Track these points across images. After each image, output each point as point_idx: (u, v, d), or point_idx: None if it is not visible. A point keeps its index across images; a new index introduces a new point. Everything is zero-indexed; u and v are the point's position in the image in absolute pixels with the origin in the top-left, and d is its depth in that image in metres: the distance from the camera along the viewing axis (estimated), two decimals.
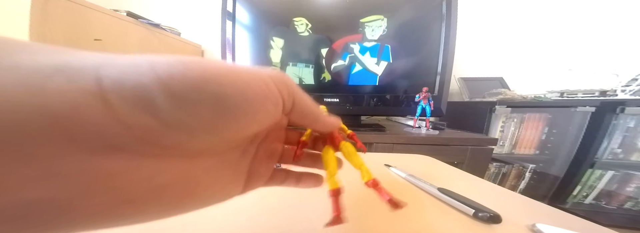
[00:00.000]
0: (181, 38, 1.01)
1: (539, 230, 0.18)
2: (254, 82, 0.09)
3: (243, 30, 0.82)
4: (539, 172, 0.92)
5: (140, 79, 0.07)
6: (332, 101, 0.81)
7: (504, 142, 0.91)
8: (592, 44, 1.05)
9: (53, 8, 0.53)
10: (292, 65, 0.83)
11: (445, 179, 0.32)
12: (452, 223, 0.20)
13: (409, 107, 0.79)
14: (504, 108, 0.85)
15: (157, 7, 1.14)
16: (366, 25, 0.79)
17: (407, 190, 0.27)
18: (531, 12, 1.08)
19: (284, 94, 0.11)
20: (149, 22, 0.81)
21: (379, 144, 0.69)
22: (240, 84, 0.09)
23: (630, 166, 0.83)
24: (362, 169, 0.14)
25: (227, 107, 0.09)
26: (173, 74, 0.07)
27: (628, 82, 0.86)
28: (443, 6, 0.75)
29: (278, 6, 0.82)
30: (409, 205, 0.23)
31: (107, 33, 0.67)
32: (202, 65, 0.08)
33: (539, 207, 0.24)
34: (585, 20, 1.04)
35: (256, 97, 0.09)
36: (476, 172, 0.36)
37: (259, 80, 0.10)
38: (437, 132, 0.74)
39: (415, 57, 0.79)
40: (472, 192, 0.25)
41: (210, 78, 0.08)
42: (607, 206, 0.87)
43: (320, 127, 0.15)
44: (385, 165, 0.36)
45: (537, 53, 1.10)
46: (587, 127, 0.84)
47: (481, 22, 1.10)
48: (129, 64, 0.08)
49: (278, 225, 0.19)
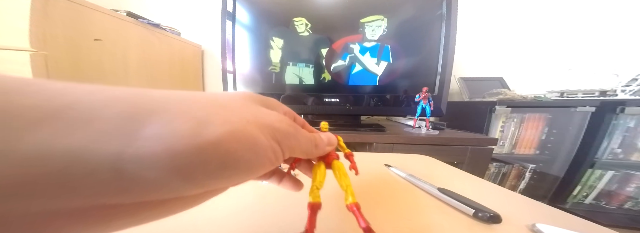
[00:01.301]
0: (181, 38, 1.01)
1: (539, 230, 0.18)
2: (261, 151, 0.10)
3: (243, 30, 0.82)
4: (539, 172, 0.92)
5: (161, 171, 0.08)
6: (332, 101, 0.81)
7: (504, 142, 0.91)
8: (592, 44, 1.05)
9: (53, 8, 0.53)
10: (292, 65, 0.83)
11: (445, 179, 0.32)
12: (452, 223, 0.20)
13: (409, 107, 0.79)
14: (504, 108, 0.85)
15: (157, 7, 1.14)
16: (366, 25, 0.79)
17: (407, 190, 0.27)
18: (531, 12, 1.07)
19: (286, 151, 0.12)
20: (149, 22, 0.81)
21: (379, 144, 0.69)
22: (252, 158, 0.10)
23: (630, 166, 0.83)
24: (347, 191, 0.14)
25: (235, 181, 0.10)
26: (194, 167, 0.08)
27: (628, 82, 0.86)
28: (443, 6, 0.75)
29: (278, 6, 0.82)
30: (409, 205, 0.24)
31: (107, 33, 0.67)
32: (221, 151, 0.08)
33: (539, 207, 0.24)
34: (585, 20, 1.04)
35: (264, 165, 0.10)
36: (476, 172, 0.36)
37: (268, 151, 0.10)
38: (437, 132, 0.74)
39: (415, 57, 0.79)
40: (472, 192, 0.25)
41: (229, 164, 0.09)
42: (607, 206, 0.87)
43: (313, 157, 0.16)
44: (385, 165, 0.36)
45: (537, 53, 1.10)
46: (587, 127, 0.84)
47: (481, 22, 1.10)
48: (148, 154, 0.07)
49: (278, 225, 0.19)
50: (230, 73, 0.82)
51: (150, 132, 0.08)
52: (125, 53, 0.74)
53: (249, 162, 0.09)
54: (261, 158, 0.10)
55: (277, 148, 0.11)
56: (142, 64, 0.81)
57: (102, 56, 0.67)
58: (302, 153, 0.14)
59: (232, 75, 0.82)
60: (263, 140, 0.10)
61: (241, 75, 0.83)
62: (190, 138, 0.08)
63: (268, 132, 0.10)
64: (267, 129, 0.10)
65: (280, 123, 0.12)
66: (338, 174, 0.15)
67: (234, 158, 0.09)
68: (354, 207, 0.13)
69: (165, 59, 0.91)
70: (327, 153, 0.16)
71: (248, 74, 0.84)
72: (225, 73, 0.82)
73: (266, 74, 0.84)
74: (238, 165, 0.09)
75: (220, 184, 0.09)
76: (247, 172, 0.10)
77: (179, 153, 0.08)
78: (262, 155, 0.10)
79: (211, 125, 0.09)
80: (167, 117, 0.08)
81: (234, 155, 0.09)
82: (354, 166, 0.19)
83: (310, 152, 0.14)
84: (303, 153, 0.14)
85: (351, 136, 0.70)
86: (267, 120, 0.11)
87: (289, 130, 0.12)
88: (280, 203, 0.23)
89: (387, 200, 0.24)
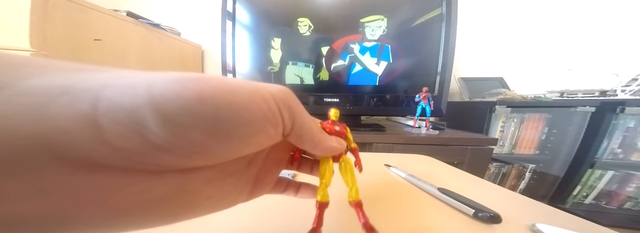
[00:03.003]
0: (181, 38, 1.01)
1: (539, 230, 0.18)
2: (253, 103, 0.09)
3: (243, 30, 0.82)
4: (539, 172, 0.92)
5: (134, 100, 0.07)
6: (332, 101, 0.81)
7: (504, 142, 0.91)
8: (592, 44, 1.05)
9: (53, 8, 0.53)
10: (292, 64, 0.83)
11: (445, 179, 0.32)
12: (452, 223, 0.20)
13: (409, 107, 0.79)
14: (504, 108, 0.85)
15: (157, 7, 1.14)
16: (366, 25, 0.79)
17: (407, 190, 0.27)
18: (531, 12, 1.07)
19: (285, 115, 0.10)
20: (149, 22, 0.81)
21: (379, 144, 0.69)
22: (238, 104, 0.08)
23: (630, 166, 0.83)
24: (352, 189, 0.14)
25: (223, 131, 0.08)
26: (167, 95, 0.07)
27: (628, 82, 0.86)
28: (443, 6, 0.75)
29: (278, 6, 0.82)
30: (409, 205, 0.24)
31: (107, 33, 0.67)
32: (198, 84, 0.08)
33: (539, 207, 0.24)
34: (585, 20, 1.04)
35: (255, 119, 0.09)
36: (476, 172, 0.36)
37: (260, 99, 0.09)
38: (437, 132, 0.74)
39: (415, 57, 0.79)
40: (472, 192, 0.25)
41: (206, 98, 0.08)
42: (607, 206, 0.87)
43: (319, 152, 0.13)
44: (385, 165, 0.36)
45: (537, 53, 1.10)
46: (587, 127, 0.84)
47: (481, 22, 1.10)
48: (130, 84, 0.07)
49: (278, 225, 0.19)
50: (230, 73, 0.82)
51: (126, 81, 0.07)
52: (125, 53, 0.74)
53: (240, 117, 0.08)
54: (257, 115, 0.09)
55: (276, 110, 0.09)
56: (142, 64, 0.81)
57: (102, 56, 0.67)
58: (308, 132, 0.12)
59: (232, 75, 0.82)
60: (260, 99, 0.09)
61: (241, 75, 0.83)
62: (171, 75, 0.08)
63: (269, 95, 0.09)
64: (268, 93, 0.09)
65: (280, 89, 0.10)
66: (344, 170, 0.15)
67: (226, 106, 0.08)
68: (357, 204, 0.13)
69: (165, 58, 0.91)
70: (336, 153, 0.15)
71: (248, 74, 0.84)
72: (225, 73, 0.82)
73: (266, 74, 0.84)
74: (229, 117, 0.08)
75: (209, 137, 0.08)
76: (239, 131, 0.09)
77: (156, 84, 0.07)
78: (258, 112, 0.09)
79: (204, 78, 0.08)
80: (154, 74, 0.08)
81: (223, 103, 0.08)
82: (358, 162, 0.19)
83: (313, 140, 0.12)
84: (308, 131, 0.12)
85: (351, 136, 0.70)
86: (271, 88, 0.10)
87: (290, 96, 0.10)
88: (281, 203, 0.23)
89: (387, 200, 0.24)
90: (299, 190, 0.17)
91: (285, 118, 0.10)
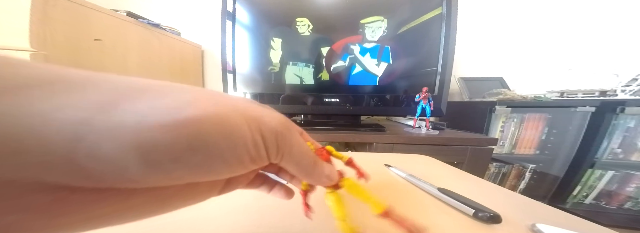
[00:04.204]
0: (181, 38, 1.01)
1: (539, 230, 0.18)
2: (239, 147, 0.09)
3: (243, 30, 0.82)
4: (539, 172, 0.92)
5: (120, 149, 0.07)
6: (332, 101, 0.81)
7: (504, 142, 0.91)
8: (592, 44, 1.05)
9: (53, 8, 0.53)
10: (292, 65, 0.83)
11: (445, 179, 0.32)
12: (452, 223, 0.20)
13: (409, 107, 0.79)
14: (504, 108, 0.85)
15: (157, 7, 1.14)
16: (366, 26, 0.79)
17: (407, 190, 0.27)
18: (531, 12, 1.07)
19: (272, 150, 0.10)
20: (149, 22, 0.81)
21: (379, 144, 0.69)
22: (227, 148, 0.09)
23: (630, 166, 0.83)
24: (370, 202, 0.13)
25: (204, 169, 0.09)
26: (158, 147, 0.07)
27: (628, 82, 0.86)
28: (443, 6, 0.75)
29: (278, 6, 0.82)
30: (409, 205, 0.24)
31: (107, 33, 0.67)
32: (196, 128, 0.08)
33: (539, 207, 0.24)
34: (585, 20, 1.04)
35: (239, 161, 0.09)
36: (476, 172, 0.36)
37: (249, 141, 0.09)
38: (437, 132, 0.74)
39: (415, 57, 0.79)
40: (472, 192, 0.25)
41: (200, 148, 0.08)
42: (607, 206, 0.87)
43: (314, 181, 0.14)
44: (385, 165, 0.36)
45: (537, 53, 1.10)
46: (587, 127, 0.84)
47: (481, 22, 1.10)
48: (116, 127, 0.07)
49: (278, 225, 0.19)
50: (230, 73, 0.82)
51: (125, 107, 0.07)
52: (125, 53, 0.74)
53: (222, 151, 0.08)
54: (239, 149, 0.09)
55: (260, 143, 0.10)
56: (142, 64, 0.81)
57: (102, 56, 0.67)
58: (295, 163, 0.12)
59: (232, 75, 0.82)
60: (245, 130, 0.09)
61: (241, 75, 0.83)
62: (162, 115, 0.07)
63: (255, 124, 0.09)
64: (255, 122, 0.09)
65: (273, 119, 0.10)
66: (351, 190, 0.14)
67: (205, 142, 0.08)
68: (386, 214, 0.13)
69: (165, 59, 0.91)
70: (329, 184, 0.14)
71: (248, 74, 0.84)
72: (225, 73, 0.82)
73: (266, 74, 0.84)
74: (209, 151, 0.08)
75: (191, 175, 0.08)
76: (220, 162, 0.09)
77: (145, 130, 0.07)
78: (240, 145, 0.09)
79: (190, 106, 0.08)
80: (151, 95, 0.08)
81: (204, 138, 0.08)
82: (360, 173, 0.18)
83: (306, 167, 0.12)
84: (295, 163, 0.12)
85: (351, 136, 0.70)
86: (258, 113, 0.10)
87: (280, 129, 0.10)
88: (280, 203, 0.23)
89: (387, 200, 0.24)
90: (273, 189, 0.18)
91: (270, 153, 0.10)
